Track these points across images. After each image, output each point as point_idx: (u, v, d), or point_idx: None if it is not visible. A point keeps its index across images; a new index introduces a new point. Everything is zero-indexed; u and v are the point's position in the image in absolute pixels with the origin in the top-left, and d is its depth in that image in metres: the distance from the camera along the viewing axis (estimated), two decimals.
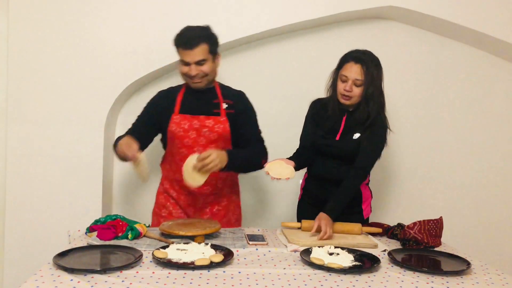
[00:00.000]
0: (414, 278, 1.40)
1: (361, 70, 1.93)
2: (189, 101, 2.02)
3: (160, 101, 2.06)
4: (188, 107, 2.01)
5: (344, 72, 1.97)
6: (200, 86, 1.97)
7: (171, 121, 1.99)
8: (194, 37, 1.89)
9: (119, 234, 1.68)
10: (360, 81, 1.94)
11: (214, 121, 1.99)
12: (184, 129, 1.97)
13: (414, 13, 2.52)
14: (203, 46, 1.90)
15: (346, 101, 1.99)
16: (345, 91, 1.96)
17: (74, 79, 2.41)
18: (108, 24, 2.41)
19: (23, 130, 2.40)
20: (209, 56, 1.93)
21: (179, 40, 1.92)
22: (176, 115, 1.99)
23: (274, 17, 2.48)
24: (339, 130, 2.05)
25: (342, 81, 1.98)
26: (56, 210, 2.43)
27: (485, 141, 2.78)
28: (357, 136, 2.01)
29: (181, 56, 1.92)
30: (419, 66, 2.72)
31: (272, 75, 2.67)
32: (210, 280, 1.32)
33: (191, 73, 1.91)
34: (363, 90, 1.95)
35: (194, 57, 1.89)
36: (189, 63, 1.91)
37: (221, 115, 2.00)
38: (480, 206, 2.80)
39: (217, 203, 2.09)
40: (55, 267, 1.36)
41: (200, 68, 1.92)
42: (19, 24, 2.37)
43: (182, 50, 1.91)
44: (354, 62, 1.95)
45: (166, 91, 2.11)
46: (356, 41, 2.67)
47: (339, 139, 2.04)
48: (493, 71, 2.74)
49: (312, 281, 1.35)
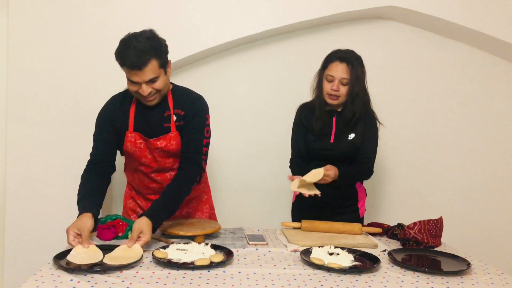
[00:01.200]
0: (414, 278, 1.40)
1: (347, 69, 1.94)
2: (141, 118, 1.83)
3: (113, 116, 1.86)
4: (140, 124, 1.83)
5: (330, 72, 1.97)
6: (153, 103, 1.77)
7: (126, 138, 1.83)
8: (141, 54, 1.63)
9: (119, 234, 1.68)
10: (346, 79, 1.95)
11: (165, 141, 1.82)
12: (140, 148, 1.84)
13: (414, 13, 2.52)
14: (153, 63, 1.66)
15: (333, 101, 1.99)
16: (332, 91, 1.97)
17: (74, 79, 2.41)
18: (108, 24, 2.41)
19: (23, 130, 2.40)
20: (161, 71, 1.70)
21: (124, 60, 1.66)
22: (130, 133, 1.83)
23: (274, 17, 2.48)
24: (331, 132, 2.04)
25: (328, 81, 1.98)
26: (56, 210, 2.43)
27: (485, 141, 2.78)
28: (352, 136, 2.02)
29: (128, 76, 1.69)
30: (419, 66, 2.72)
31: (272, 75, 2.67)
32: (210, 280, 1.32)
33: (143, 93, 1.70)
34: (349, 89, 1.96)
35: (143, 77, 1.66)
36: (139, 83, 1.68)
37: (171, 131, 1.82)
38: (480, 206, 2.80)
39: (185, 206, 2.00)
40: (55, 267, 1.36)
41: (152, 85, 1.70)
42: (19, 24, 2.37)
43: (128, 71, 1.67)
44: (340, 61, 1.96)
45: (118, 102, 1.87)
46: (356, 41, 2.67)
47: (333, 141, 2.03)
48: (493, 71, 2.74)
49: (312, 281, 1.35)
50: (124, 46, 1.67)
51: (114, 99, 1.91)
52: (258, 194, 2.75)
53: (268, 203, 2.73)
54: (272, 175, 2.71)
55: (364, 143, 2.02)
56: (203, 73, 2.59)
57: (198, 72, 2.61)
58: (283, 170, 2.32)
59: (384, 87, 2.72)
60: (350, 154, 2.02)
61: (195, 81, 2.27)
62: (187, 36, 2.44)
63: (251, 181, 2.71)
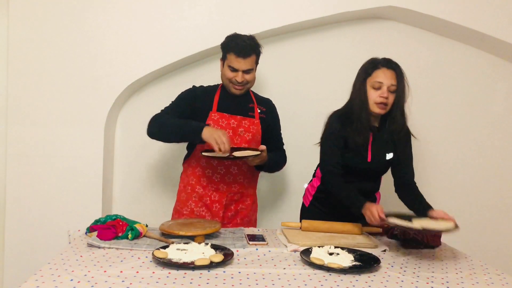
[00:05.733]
0: (414, 278, 1.41)
1: (395, 76, 1.83)
2: (226, 101, 2.07)
3: (197, 96, 2.07)
4: (225, 106, 2.05)
5: (377, 79, 1.83)
6: (240, 93, 2.05)
7: (208, 118, 2.02)
8: (248, 47, 1.97)
9: (119, 234, 1.68)
10: (395, 86, 1.82)
11: (250, 123, 2.06)
12: (222, 126, 2.02)
13: (414, 13, 2.52)
14: (253, 57, 2.00)
15: (382, 110, 1.85)
16: (381, 98, 1.82)
17: (74, 79, 2.41)
18: (108, 24, 2.41)
19: (23, 130, 2.40)
20: (255, 66, 2.04)
21: (235, 47, 1.96)
22: (214, 112, 2.03)
23: (274, 17, 2.48)
24: (367, 148, 1.90)
25: (375, 88, 1.84)
26: (56, 210, 2.43)
27: (485, 141, 2.78)
28: (390, 156, 1.92)
29: (231, 63, 1.98)
30: (419, 66, 2.72)
31: (272, 75, 2.67)
32: (210, 280, 1.32)
33: (238, 79, 1.98)
34: (396, 98, 1.84)
35: (244, 66, 1.97)
36: (237, 70, 1.98)
37: (255, 118, 2.08)
38: (480, 205, 2.80)
39: (241, 202, 2.14)
40: (55, 267, 1.36)
41: (246, 76, 2.00)
42: (19, 24, 2.37)
43: (234, 57, 1.96)
44: (387, 68, 1.84)
45: (202, 88, 2.12)
46: (356, 41, 2.68)
47: (371, 160, 1.90)
48: (493, 71, 2.74)
49: (312, 281, 1.35)
50: (235, 37, 2.01)
51: (200, 87, 2.13)
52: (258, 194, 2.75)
53: (268, 203, 2.73)
54: (271, 176, 2.70)
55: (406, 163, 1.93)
56: (203, 73, 2.59)
57: (198, 72, 2.61)
58: (283, 170, 2.33)
59: None
60: (383, 172, 2.00)
61: (195, 81, 2.26)
62: (187, 36, 2.44)
63: None
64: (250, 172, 2.13)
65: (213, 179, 2.08)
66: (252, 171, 2.14)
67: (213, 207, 2.09)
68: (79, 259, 1.46)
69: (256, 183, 2.24)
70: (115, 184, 2.66)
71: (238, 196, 2.12)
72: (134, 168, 2.65)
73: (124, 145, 2.63)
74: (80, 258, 1.46)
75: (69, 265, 1.38)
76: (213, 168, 2.07)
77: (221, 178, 2.08)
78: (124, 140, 2.63)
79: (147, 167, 2.66)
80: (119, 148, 2.64)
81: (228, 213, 2.11)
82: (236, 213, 2.13)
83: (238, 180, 2.10)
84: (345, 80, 2.36)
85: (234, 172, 2.08)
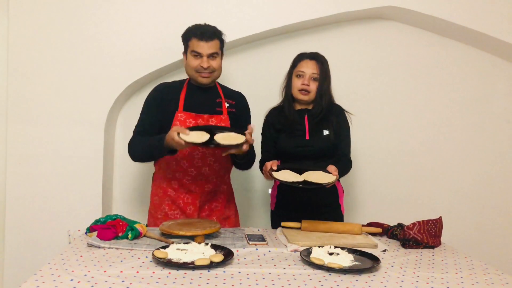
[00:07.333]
0: (414, 278, 1.40)
1: (317, 66, 2.04)
2: (192, 99, 2.01)
3: (163, 97, 2.00)
4: (191, 105, 1.99)
5: (300, 69, 2.06)
6: (206, 82, 1.99)
7: (175, 118, 1.96)
8: (210, 30, 1.94)
9: (119, 234, 1.68)
10: (316, 75, 2.03)
11: (217, 120, 1.99)
12: (189, 126, 1.91)
13: (414, 13, 2.52)
14: (217, 41, 1.96)
15: (304, 96, 2.05)
16: (303, 85, 2.04)
17: (74, 79, 2.41)
18: (108, 24, 2.41)
19: (23, 130, 2.40)
20: (220, 52, 1.99)
21: (196, 30, 1.94)
22: (180, 112, 1.97)
23: (274, 17, 2.48)
24: (305, 129, 2.08)
25: (298, 77, 2.06)
26: (56, 210, 2.43)
27: (485, 141, 2.78)
28: (326, 132, 2.06)
29: (194, 47, 1.93)
30: (419, 66, 2.72)
31: (272, 75, 2.66)
32: (210, 280, 1.32)
33: (203, 65, 1.93)
34: (318, 86, 2.04)
35: (208, 49, 1.92)
36: (201, 55, 1.93)
37: (223, 114, 2.02)
38: (480, 206, 2.81)
39: (215, 200, 2.09)
40: (55, 267, 1.36)
41: (211, 62, 1.95)
42: (19, 24, 2.37)
43: (197, 41, 1.92)
44: (309, 59, 2.06)
45: (166, 86, 2.06)
46: (356, 41, 2.68)
47: (309, 138, 2.07)
48: (493, 71, 2.74)
49: (312, 281, 1.35)
50: (196, 25, 1.98)
51: (165, 84, 2.08)
52: (258, 194, 2.75)
53: (268, 203, 2.73)
54: None
55: (340, 140, 2.08)
56: None
57: None
58: None
59: (383, 87, 2.72)
60: (326, 150, 2.06)
61: None
62: None
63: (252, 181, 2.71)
64: (222, 170, 2.07)
65: (184, 181, 2.02)
66: (224, 169, 2.08)
67: (187, 210, 2.03)
68: (79, 259, 1.46)
69: (229, 179, 2.19)
70: (115, 184, 2.66)
71: (211, 196, 2.07)
72: (134, 168, 2.65)
73: (124, 145, 2.61)
74: (80, 258, 1.46)
75: (69, 265, 1.38)
76: (183, 170, 2.00)
77: (193, 180, 2.01)
78: (124, 140, 2.62)
79: (147, 167, 2.66)
80: (119, 148, 2.64)
81: (203, 213, 2.06)
82: (211, 212, 2.07)
83: (211, 180, 2.03)
84: (345, 80, 2.38)
85: (206, 172, 2.01)
